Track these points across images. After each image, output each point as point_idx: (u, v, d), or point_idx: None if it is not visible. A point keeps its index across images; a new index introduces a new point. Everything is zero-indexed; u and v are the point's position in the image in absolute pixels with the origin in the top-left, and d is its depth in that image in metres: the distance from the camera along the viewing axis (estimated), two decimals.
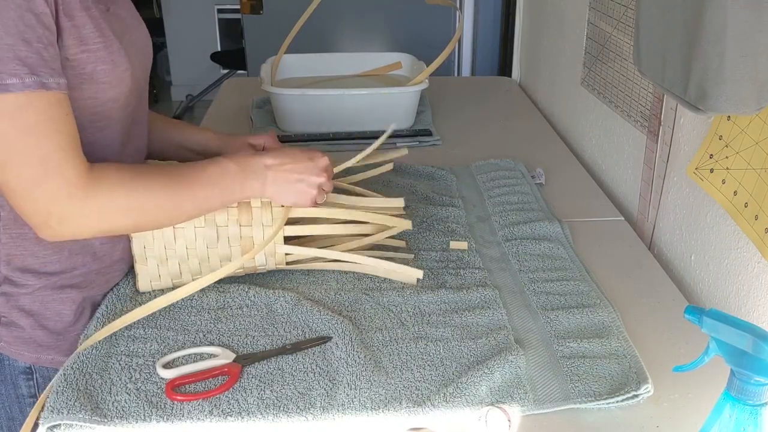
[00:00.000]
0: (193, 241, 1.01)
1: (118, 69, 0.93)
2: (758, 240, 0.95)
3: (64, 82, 0.85)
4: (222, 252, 1.03)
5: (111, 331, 0.94)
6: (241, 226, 1.02)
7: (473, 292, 1.07)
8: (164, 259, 1.02)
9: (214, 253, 1.03)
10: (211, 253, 1.03)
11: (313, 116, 1.70)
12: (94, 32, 0.90)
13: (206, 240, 1.02)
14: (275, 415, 0.84)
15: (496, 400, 0.86)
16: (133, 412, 0.84)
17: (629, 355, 0.94)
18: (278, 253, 1.05)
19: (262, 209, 1.02)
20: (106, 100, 0.93)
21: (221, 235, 1.02)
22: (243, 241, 1.02)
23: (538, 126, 1.85)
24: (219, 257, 1.03)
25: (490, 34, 2.68)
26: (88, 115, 0.93)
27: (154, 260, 1.02)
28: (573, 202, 1.39)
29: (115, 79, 0.93)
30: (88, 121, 0.93)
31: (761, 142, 0.95)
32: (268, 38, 2.25)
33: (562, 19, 1.83)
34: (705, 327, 0.69)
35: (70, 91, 0.88)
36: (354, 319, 1.01)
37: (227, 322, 1.00)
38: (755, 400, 0.67)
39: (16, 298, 0.97)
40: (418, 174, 1.48)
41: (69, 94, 0.88)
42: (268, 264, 1.06)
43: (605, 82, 1.52)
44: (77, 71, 0.89)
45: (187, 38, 4.88)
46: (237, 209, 1.02)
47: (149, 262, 1.02)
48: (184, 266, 1.03)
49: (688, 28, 0.86)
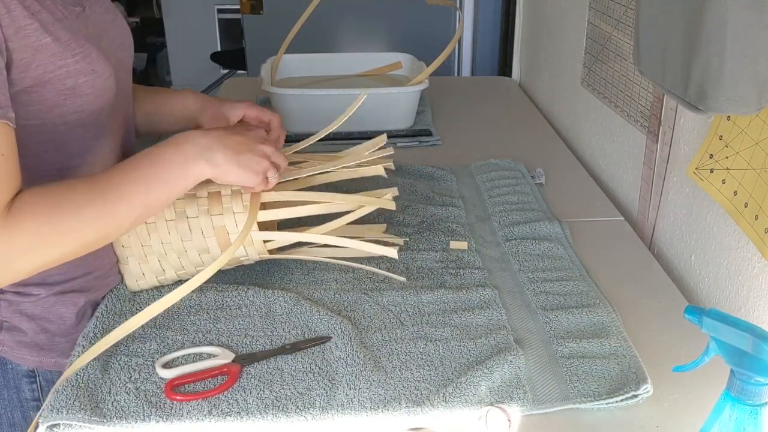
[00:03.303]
0: (167, 235, 0.99)
1: (100, 78, 0.89)
2: (758, 240, 0.95)
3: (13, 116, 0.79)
4: (198, 244, 1.00)
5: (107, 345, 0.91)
6: (212, 216, 0.99)
7: (473, 292, 1.07)
8: (143, 256, 1.01)
9: (190, 246, 1.00)
10: (187, 246, 1.00)
11: (313, 116, 1.69)
12: (71, 43, 0.86)
13: (180, 233, 0.99)
14: (274, 415, 0.84)
15: (496, 400, 0.86)
16: (133, 412, 0.84)
17: (629, 355, 0.93)
18: (256, 240, 1.01)
19: (231, 197, 0.99)
20: (92, 111, 0.90)
21: (193, 227, 0.99)
22: (217, 231, 0.99)
23: (538, 126, 1.85)
24: (196, 250, 1.01)
25: (490, 34, 2.68)
26: (77, 128, 0.89)
27: (134, 259, 1.01)
28: (573, 202, 1.39)
29: (99, 88, 0.90)
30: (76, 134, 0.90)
31: (761, 142, 0.95)
32: (268, 38, 2.24)
33: (562, 19, 1.82)
34: (705, 327, 0.69)
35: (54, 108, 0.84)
36: (353, 319, 1.01)
37: (226, 322, 1.00)
38: (755, 400, 0.67)
39: (19, 303, 0.97)
40: (418, 174, 1.48)
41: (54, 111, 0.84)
42: (250, 253, 1.03)
43: (605, 82, 1.52)
44: (57, 87, 0.85)
45: (187, 38, 4.88)
46: (207, 199, 0.99)
47: (130, 261, 1.01)
48: (164, 262, 1.02)
49: (688, 28, 0.86)
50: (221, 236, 1.00)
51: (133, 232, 0.99)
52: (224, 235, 1.00)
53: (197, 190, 0.99)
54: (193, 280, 0.92)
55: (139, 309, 1.02)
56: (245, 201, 0.99)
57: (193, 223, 0.99)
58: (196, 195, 0.99)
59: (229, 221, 0.99)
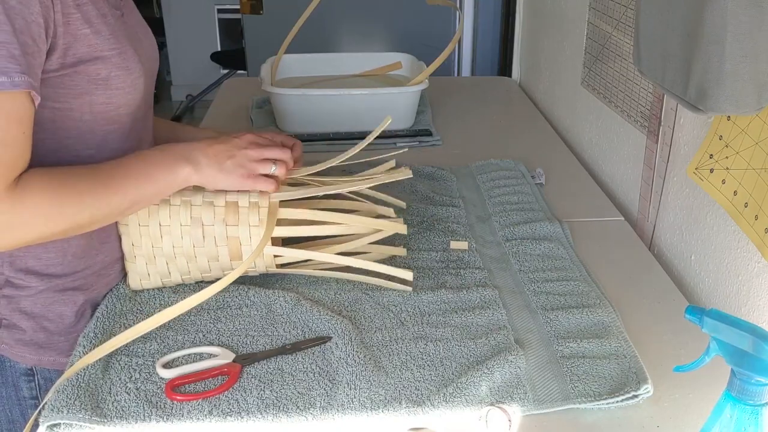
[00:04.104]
0: (179, 239, 1.00)
1: (131, 75, 0.94)
2: (758, 240, 0.95)
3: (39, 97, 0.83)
4: (209, 252, 1.02)
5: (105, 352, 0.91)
6: (227, 226, 1.00)
7: (473, 292, 1.07)
8: (152, 257, 1.02)
9: (201, 252, 1.01)
10: (197, 252, 1.01)
11: (313, 116, 1.70)
12: (110, 39, 0.91)
13: (192, 239, 1.00)
14: (275, 415, 0.84)
15: (496, 400, 0.86)
16: (133, 412, 0.84)
17: (629, 355, 0.94)
18: (266, 255, 1.03)
19: (249, 209, 1.01)
20: (119, 105, 0.94)
21: (207, 234, 1.00)
22: (230, 241, 1.01)
23: (538, 126, 1.85)
24: (206, 257, 1.02)
25: (490, 34, 2.68)
26: (101, 120, 0.93)
27: (142, 258, 1.02)
28: (573, 202, 1.39)
29: (129, 86, 0.94)
30: (99, 125, 0.94)
31: (761, 142, 0.95)
32: (268, 38, 2.25)
33: (562, 19, 1.83)
34: (705, 327, 0.69)
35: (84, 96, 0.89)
36: (354, 319, 1.01)
37: (227, 322, 1.00)
38: (756, 400, 0.67)
39: (18, 300, 0.97)
40: (418, 174, 1.48)
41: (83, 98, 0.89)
42: (258, 266, 1.05)
43: (605, 82, 1.52)
44: (91, 77, 0.89)
45: (187, 38, 4.88)
46: (224, 209, 1.00)
47: (138, 260, 1.02)
48: (171, 265, 1.02)
49: (688, 28, 0.86)
50: (233, 246, 1.01)
51: (146, 231, 1.00)
52: (236, 245, 1.01)
53: (215, 198, 1.01)
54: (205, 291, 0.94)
55: (140, 309, 1.02)
56: (262, 215, 1.01)
57: (208, 230, 1.00)
58: (213, 203, 1.00)
59: (243, 233, 1.01)
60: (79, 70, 0.88)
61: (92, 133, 0.93)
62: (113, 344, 0.91)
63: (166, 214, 0.99)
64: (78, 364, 0.89)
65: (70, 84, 0.89)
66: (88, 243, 0.98)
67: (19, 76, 0.79)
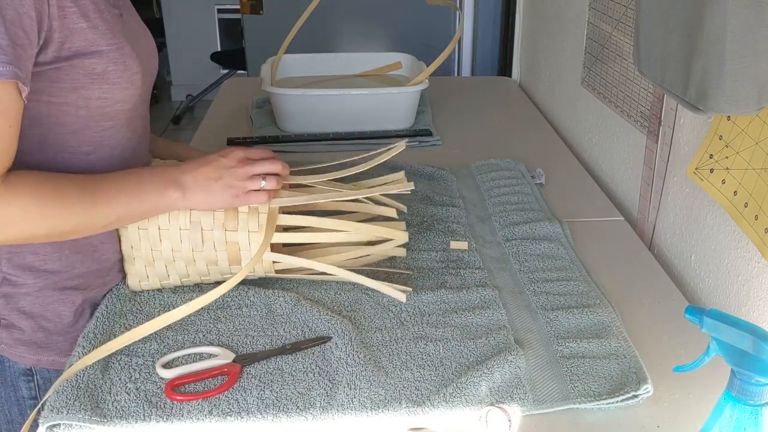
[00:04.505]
0: (178, 243, 1.01)
1: (128, 71, 0.93)
2: (758, 240, 0.95)
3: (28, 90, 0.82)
4: (208, 256, 1.02)
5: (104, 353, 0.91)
6: (227, 231, 1.01)
7: (473, 292, 1.07)
8: (151, 260, 1.02)
9: (199, 257, 1.02)
10: (196, 257, 1.02)
11: (313, 116, 1.70)
12: (107, 34, 0.90)
13: (192, 243, 1.01)
14: (275, 415, 0.84)
15: (496, 400, 0.86)
16: (133, 412, 0.84)
17: (629, 355, 0.93)
18: (266, 260, 1.03)
19: (248, 215, 1.01)
20: (116, 101, 0.94)
21: (206, 238, 1.01)
22: (228, 246, 1.01)
23: (538, 126, 1.85)
24: (205, 261, 1.02)
25: (490, 34, 2.68)
26: (96, 115, 0.93)
27: (141, 261, 1.02)
28: (573, 202, 1.39)
29: (125, 81, 0.94)
30: (95, 121, 0.93)
31: (761, 142, 0.95)
32: (268, 38, 2.25)
33: (562, 19, 1.83)
34: (705, 327, 0.69)
35: (80, 90, 0.89)
36: (353, 319, 1.01)
37: (227, 322, 1.00)
38: (756, 400, 0.67)
39: (16, 299, 0.97)
40: (418, 174, 1.48)
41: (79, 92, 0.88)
42: (257, 271, 1.05)
43: (605, 82, 1.52)
44: (87, 71, 0.89)
45: (187, 38, 4.88)
46: (223, 213, 1.00)
47: (137, 262, 1.02)
48: (170, 268, 1.03)
49: (688, 28, 0.86)
50: (232, 251, 1.02)
51: (145, 234, 1.00)
52: (235, 250, 1.01)
53: None
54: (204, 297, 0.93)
55: (139, 309, 1.02)
56: (261, 221, 1.01)
57: (207, 235, 1.01)
58: None
59: (242, 238, 1.01)
60: (74, 64, 0.88)
61: (88, 128, 0.93)
62: (112, 346, 0.91)
63: (166, 217, 0.99)
64: (77, 365, 0.89)
65: (66, 78, 0.88)
66: (87, 239, 0.98)
67: (4, 66, 0.78)
